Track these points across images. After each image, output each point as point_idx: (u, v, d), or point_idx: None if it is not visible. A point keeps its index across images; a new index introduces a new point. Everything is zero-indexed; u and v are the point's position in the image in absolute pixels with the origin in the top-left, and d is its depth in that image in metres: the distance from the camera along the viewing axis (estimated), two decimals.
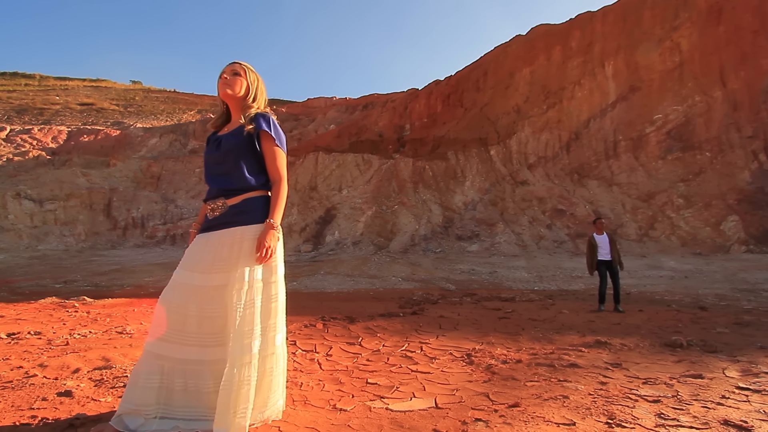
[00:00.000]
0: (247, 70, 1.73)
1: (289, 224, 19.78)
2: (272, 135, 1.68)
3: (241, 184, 1.64)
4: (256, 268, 1.58)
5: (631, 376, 2.19)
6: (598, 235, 6.12)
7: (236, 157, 1.65)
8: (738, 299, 6.88)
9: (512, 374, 2.26)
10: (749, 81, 16.26)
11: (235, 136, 1.66)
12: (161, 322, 1.58)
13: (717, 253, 13.97)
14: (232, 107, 1.75)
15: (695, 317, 4.89)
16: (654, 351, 2.88)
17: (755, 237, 13.92)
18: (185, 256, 1.67)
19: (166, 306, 1.59)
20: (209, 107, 28.80)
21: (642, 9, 20.10)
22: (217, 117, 1.81)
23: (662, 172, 16.85)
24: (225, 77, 1.70)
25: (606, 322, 4.45)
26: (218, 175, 1.69)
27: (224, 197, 1.65)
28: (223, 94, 1.71)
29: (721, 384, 2.10)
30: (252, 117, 1.68)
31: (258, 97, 1.76)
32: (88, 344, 3.31)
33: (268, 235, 1.57)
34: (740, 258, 12.85)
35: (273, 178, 1.69)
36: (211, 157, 1.71)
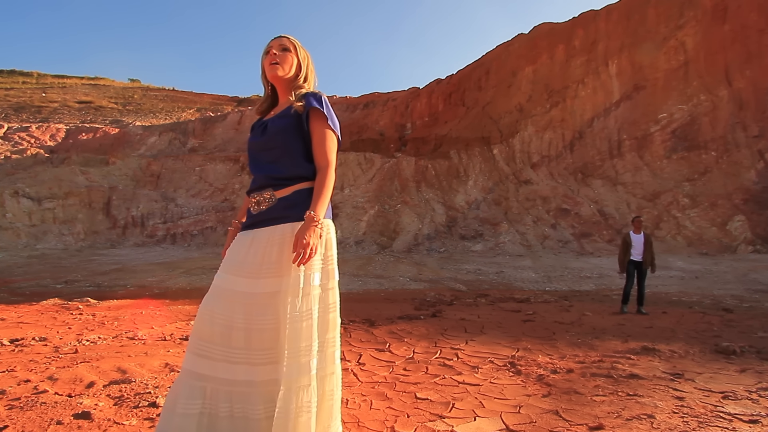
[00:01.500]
0: (297, 45, 1.51)
1: None
2: (324, 114, 1.44)
3: (292, 172, 1.42)
4: (314, 272, 1.36)
5: (704, 389, 2.02)
6: (635, 234, 5.93)
7: (285, 141, 1.42)
8: (758, 300, 6.74)
9: (571, 387, 2.09)
10: (755, 80, 16.18)
11: (283, 118, 1.45)
12: (202, 335, 1.34)
13: (724, 254, 13.87)
14: (281, 89, 1.52)
15: (724, 320, 4.74)
16: (708, 359, 2.72)
17: (762, 237, 13.84)
18: (227, 257, 1.44)
19: (208, 316, 1.35)
20: (209, 105, 28.50)
21: (646, 7, 19.99)
22: (262, 101, 1.58)
23: (667, 171, 16.75)
24: (273, 53, 1.47)
25: (637, 325, 4.29)
26: (265, 162, 1.46)
27: (272, 188, 1.42)
28: (272, 76, 1.48)
29: None
30: (301, 95, 1.46)
31: (309, 77, 1.54)
32: (99, 352, 3.11)
33: (307, 230, 1.28)
34: (748, 258, 12.76)
35: (319, 163, 1.42)
36: (256, 143, 1.49)
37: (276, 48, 1.48)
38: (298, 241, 1.28)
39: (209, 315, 1.36)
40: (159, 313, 5.20)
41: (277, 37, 1.53)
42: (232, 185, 20.43)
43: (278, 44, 1.49)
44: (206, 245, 17.29)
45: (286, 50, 1.49)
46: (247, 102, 30.40)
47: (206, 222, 18.21)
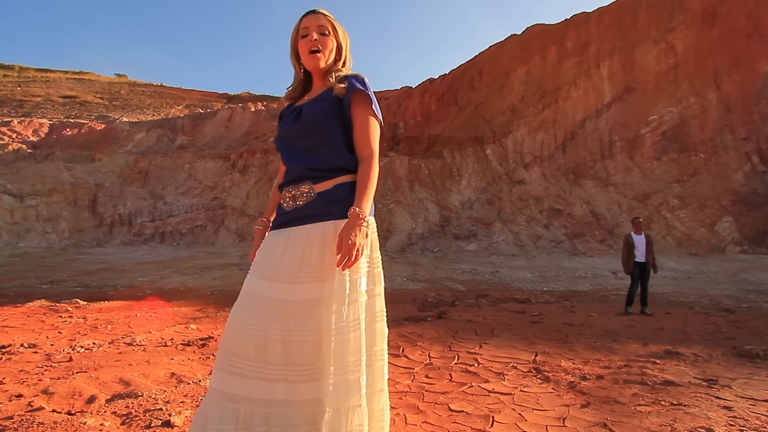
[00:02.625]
0: (336, 26, 1.33)
1: None
2: (369, 97, 1.28)
3: (333, 162, 1.26)
4: (361, 276, 1.21)
5: (747, 397, 1.96)
6: (636, 234, 5.93)
7: (324, 128, 1.26)
8: (755, 301, 6.82)
9: (608, 395, 2.01)
10: (742, 84, 16.51)
11: (320, 102, 1.27)
12: (234, 349, 1.18)
13: (712, 254, 14.12)
14: (317, 74, 1.35)
15: (729, 321, 4.75)
16: (734, 363, 2.68)
17: (749, 238, 14.13)
18: (258, 259, 1.28)
19: (240, 327, 1.19)
20: (198, 102, 27.96)
21: (637, 10, 20.25)
22: (294, 86, 1.39)
23: (657, 172, 16.99)
24: (313, 39, 1.29)
25: (647, 327, 4.26)
26: (301, 152, 1.28)
27: (311, 181, 1.25)
28: (314, 67, 1.31)
29: None
30: (342, 76, 1.29)
31: (347, 62, 1.37)
32: (96, 360, 2.92)
33: (353, 229, 1.14)
34: (736, 259, 13.00)
35: (361, 153, 1.26)
36: (290, 130, 1.31)
37: (314, 30, 1.29)
38: (343, 241, 1.13)
39: (241, 325, 1.19)
40: (154, 315, 4.99)
41: (311, 13, 1.31)
42: (223, 183, 20.06)
43: (316, 25, 1.29)
44: (196, 244, 16.93)
45: (326, 33, 1.30)
46: (237, 99, 29.92)
47: (196, 220, 17.83)
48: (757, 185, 14.99)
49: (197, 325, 4.40)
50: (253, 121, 24.91)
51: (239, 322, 1.20)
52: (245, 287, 1.26)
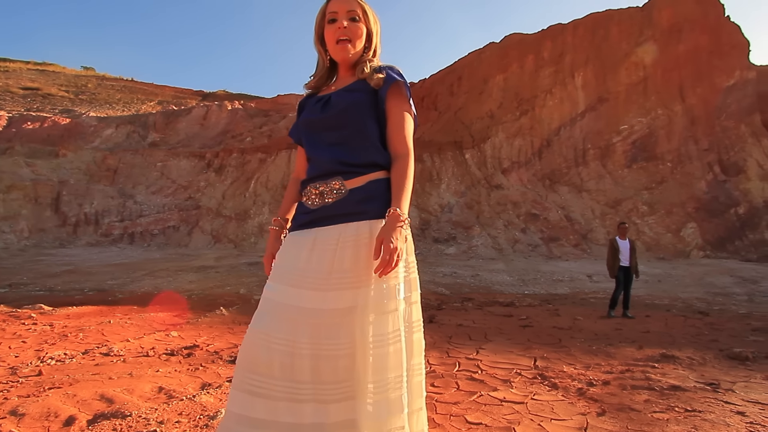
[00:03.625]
0: (366, 10, 1.21)
1: (260, 224, 18.84)
2: (406, 92, 1.20)
3: (366, 158, 1.15)
4: (399, 282, 1.10)
5: (754, 402, 2.00)
6: (621, 239, 6.08)
7: (358, 120, 1.15)
8: (723, 303, 7.15)
9: (621, 402, 2.00)
10: (705, 97, 17.47)
11: (353, 92, 1.17)
12: (257, 367, 1.05)
13: (678, 258, 14.81)
14: (345, 64, 1.24)
15: (706, 323, 4.93)
16: (727, 365, 2.75)
17: (711, 243, 14.91)
18: (280, 263, 1.15)
19: (264, 341, 1.06)
20: (171, 99, 26.97)
21: (609, 24, 21.09)
22: (319, 74, 1.27)
23: (628, 180, 17.69)
24: (342, 26, 1.17)
25: (633, 330, 4.36)
26: (330, 145, 1.17)
27: (342, 177, 1.14)
28: (342, 58, 1.20)
29: None
30: (377, 67, 1.19)
31: (378, 50, 1.25)
32: (70, 374, 2.67)
33: (393, 231, 1.04)
34: (700, 263, 13.67)
35: (397, 149, 1.17)
36: (317, 121, 1.19)
37: (344, 17, 1.17)
38: (384, 244, 1.03)
39: (265, 339, 1.06)
40: (129, 322, 4.69)
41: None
42: (197, 183, 19.39)
43: (346, 10, 1.17)
44: (168, 245, 16.25)
45: (356, 19, 1.18)
46: (212, 97, 29.09)
47: (168, 221, 17.13)
48: (718, 193, 15.85)
49: (178, 332, 4.16)
50: (229, 119, 24.28)
51: (262, 335, 1.07)
52: (267, 295, 1.14)
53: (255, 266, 13.30)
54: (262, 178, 21.18)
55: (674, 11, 19.34)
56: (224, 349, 3.38)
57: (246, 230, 18.40)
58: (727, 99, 17.32)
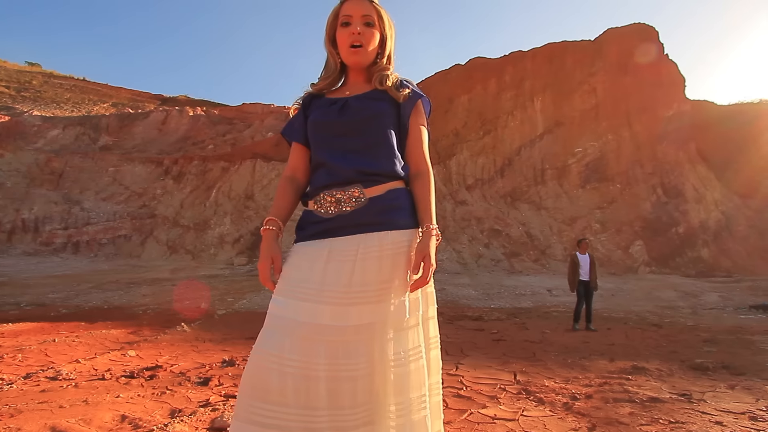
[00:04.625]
0: (382, 14, 1.17)
1: (221, 235, 18.07)
2: (428, 109, 1.21)
3: (387, 167, 1.12)
4: (419, 297, 1.07)
5: (726, 411, 2.11)
6: (581, 254, 6.36)
7: (383, 129, 1.12)
8: (672, 316, 7.66)
9: (607, 415, 2.04)
10: (649, 126, 19.07)
11: (378, 101, 1.13)
12: (267, 395, 0.95)
13: (628, 274, 15.79)
14: (356, 69, 1.21)
15: (661, 335, 5.24)
16: (692, 376, 2.91)
17: (656, 260, 16.06)
18: (290, 275, 1.06)
19: (276, 364, 0.96)
20: (127, 101, 25.56)
21: (565, 54, 22.62)
22: (330, 77, 1.21)
23: (582, 199, 18.76)
24: (356, 31, 1.13)
25: (600, 342, 4.54)
26: (348, 151, 1.12)
27: (361, 184, 1.10)
28: (354, 62, 1.16)
29: None
30: (400, 81, 1.17)
31: (392, 57, 1.21)
32: (10, 403, 2.33)
33: (430, 246, 1.04)
34: (647, 278, 14.66)
35: (420, 164, 1.16)
36: (335, 124, 1.13)
37: (359, 21, 1.13)
38: (425, 261, 1.01)
39: (277, 363, 0.97)
40: (78, 340, 4.26)
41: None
42: (153, 190, 18.35)
43: (361, 14, 1.13)
44: (118, 256, 15.14)
45: (371, 24, 1.15)
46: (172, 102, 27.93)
47: (119, 229, 16.00)
48: (661, 214, 17.19)
49: (136, 351, 3.82)
50: (191, 125, 23.34)
51: (274, 358, 0.97)
52: (275, 312, 1.04)
53: (215, 279, 12.66)
54: (224, 188, 20.41)
55: (621, 47, 21.10)
56: (191, 370, 3.13)
57: (205, 241, 17.56)
58: (667, 128, 18.99)
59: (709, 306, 9.27)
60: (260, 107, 30.85)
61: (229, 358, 3.44)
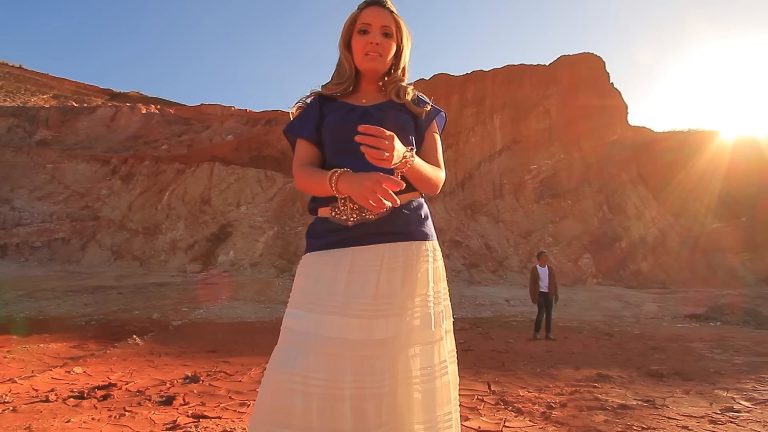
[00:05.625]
0: (400, 25, 1.14)
1: (174, 240, 17.07)
2: (441, 125, 1.22)
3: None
4: (443, 309, 1.06)
5: (688, 416, 2.26)
6: (540, 267, 6.63)
7: (405, 139, 1.10)
8: (619, 325, 8.18)
9: (585, 424, 2.11)
10: (596, 147, 20.54)
11: (400, 113, 1.12)
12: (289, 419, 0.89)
13: (577, 285, 16.73)
14: (369, 76, 1.18)
15: (614, 343, 5.57)
16: (651, 382, 3.10)
17: (602, 272, 17.17)
18: (308, 288, 1.00)
19: (300, 384, 0.90)
20: (70, 94, 23.65)
21: (522, 76, 23.94)
22: (344, 82, 1.17)
23: (537, 214, 19.74)
24: (375, 42, 1.11)
25: (561, 351, 4.73)
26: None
27: None
28: (370, 68, 1.13)
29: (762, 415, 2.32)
30: (418, 97, 1.19)
31: (407, 69, 1.20)
32: None
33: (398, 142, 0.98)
34: (595, 289, 15.61)
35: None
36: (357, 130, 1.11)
37: (378, 31, 1.11)
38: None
39: (301, 383, 0.90)
40: (10, 356, 3.79)
41: (377, 6, 1.12)
42: (98, 190, 17.02)
43: (381, 24, 1.11)
44: (54, 261, 13.80)
45: (389, 35, 1.13)
46: (123, 97, 26.24)
47: (56, 232, 14.63)
48: (606, 229, 18.46)
49: (82, 367, 3.46)
50: (143, 123, 22.04)
51: (298, 378, 0.91)
52: (295, 327, 0.97)
53: (167, 287, 11.87)
54: (178, 191, 19.35)
55: (572, 73, 22.70)
56: (150, 388, 2.88)
57: (155, 246, 16.48)
58: (611, 151, 20.56)
59: (650, 315, 10.02)
60: (220, 109, 29.77)
61: (192, 373, 3.20)
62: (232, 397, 2.65)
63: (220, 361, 3.78)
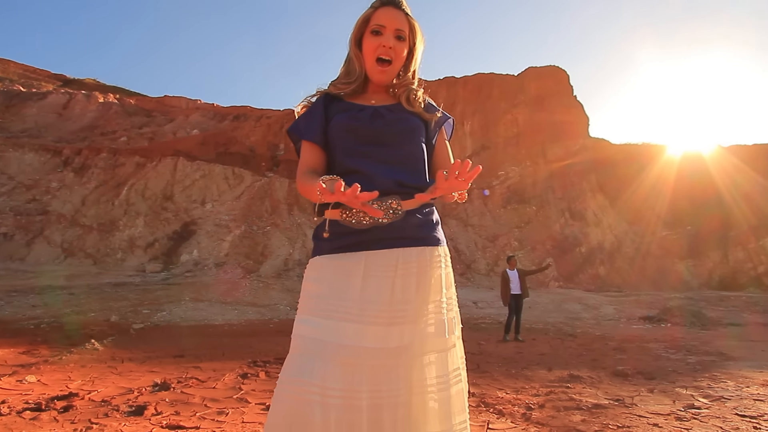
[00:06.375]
0: (415, 27, 1.12)
1: (132, 237, 16.18)
2: (449, 132, 1.21)
3: (420, 180, 1.08)
4: (455, 316, 1.06)
5: (656, 413, 2.39)
6: (510, 270, 6.82)
7: (418, 143, 1.10)
8: (581, 327, 8.57)
9: (565, 424, 2.19)
10: (559, 156, 21.47)
11: (412, 116, 1.11)
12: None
13: (541, 288, 17.39)
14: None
15: (578, 344, 5.82)
16: (618, 382, 3.26)
17: (564, 276, 17.94)
18: (321, 293, 0.97)
19: (318, 396, 0.87)
20: (17, 78, 21.86)
21: (492, 85, 24.66)
22: (354, 84, 1.14)
23: (504, 218, 20.35)
24: (388, 45, 1.08)
25: (531, 352, 4.89)
26: (385, 162, 1.06)
27: (399, 197, 1.03)
28: (380, 80, 1.11)
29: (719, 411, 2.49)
30: (429, 103, 1.17)
31: (417, 72, 1.18)
32: None
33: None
34: (557, 292, 16.29)
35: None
36: (370, 131, 1.07)
37: (392, 34, 1.08)
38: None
39: (320, 392, 0.87)
40: None
41: (392, 6, 1.09)
42: (47, 182, 15.84)
43: (395, 27, 1.08)
44: None
45: (402, 39, 1.10)
46: (77, 84, 24.60)
47: None
48: (568, 235, 19.33)
49: (36, 375, 3.19)
50: (100, 113, 20.78)
51: (316, 388, 0.87)
52: (310, 334, 0.94)
53: (124, 287, 11.21)
54: (138, 185, 18.36)
55: (539, 84, 23.64)
56: (116, 397, 2.69)
57: (111, 244, 15.54)
58: (573, 160, 21.58)
59: (608, 317, 10.58)
60: (185, 101, 28.61)
61: (161, 380, 3.03)
62: (207, 405, 2.53)
63: (190, 366, 3.60)
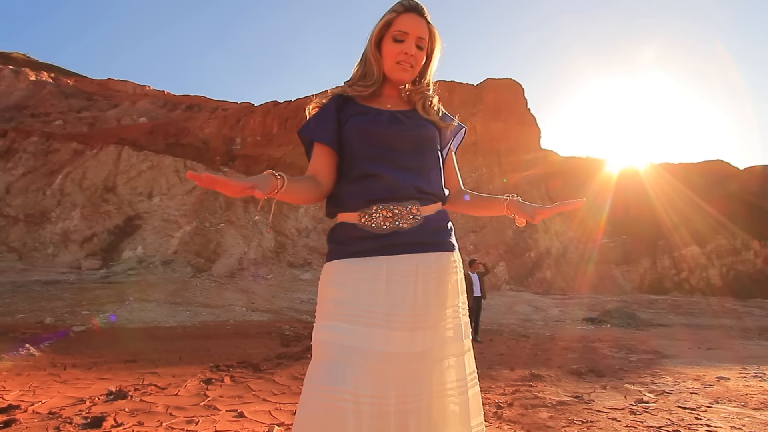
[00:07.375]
0: (434, 34, 1.13)
1: (66, 231, 14.80)
2: (459, 140, 1.24)
3: (437, 187, 1.10)
4: (468, 320, 1.07)
5: (613, 408, 2.58)
6: (472, 273, 7.04)
7: (435, 150, 1.13)
8: (531, 327, 9.05)
9: (535, 421, 2.30)
10: (513, 165, 22.57)
11: (429, 123, 1.13)
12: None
13: (493, 291, 18.14)
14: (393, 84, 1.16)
15: (533, 345, 6.15)
16: (574, 380, 3.49)
17: (515, 279, 18.86)
18: (344, 299, 0.96)
19: (351, 403, 0.86)
20: None
21: (453, 94, 25.45)
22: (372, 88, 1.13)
23: (461, 222, 21.00)
24: (410, 52, 1.08)
25: (492, 353, 5.09)
26: (405, 167, 1.06)
27: (419, 202, 1.04)
28: (400, 78, 1.10)
29: (665, 404, 2.74)
30: (444, 112, 1.19)
31: (431, 80, 1.19)
32: None
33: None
34: (508, 295, 17.07)
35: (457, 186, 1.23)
36: (389, 135, 1.07)
37: (413, 42, 1.08)
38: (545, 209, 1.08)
39: (352, 400, 0.86)
40: None
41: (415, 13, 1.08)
42: None
43: (416, 35, 1.08)
44: None
45: (421, 48, 1.11)
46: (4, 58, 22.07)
47: None
48: (519, 240, 20.34)
49: None
50: (31, 92, 18.84)
51: (348, 396, 0.86)
52: (337, 340, 0.92)
53: (56, 286, 10.21)
54: (75, 174, 16.82)
55: (496, 95, 24.72)
56: (65, 408, 2.44)
57: (42, 237, 14.08)
58: (526, 169, 22.78)
59: (555, 319, 11.26)
60: (132, 87, 26.72)
61: (116, 388, 2.79)
62: (173, 413, 2.37)
63: (145, 372, 3.35)
